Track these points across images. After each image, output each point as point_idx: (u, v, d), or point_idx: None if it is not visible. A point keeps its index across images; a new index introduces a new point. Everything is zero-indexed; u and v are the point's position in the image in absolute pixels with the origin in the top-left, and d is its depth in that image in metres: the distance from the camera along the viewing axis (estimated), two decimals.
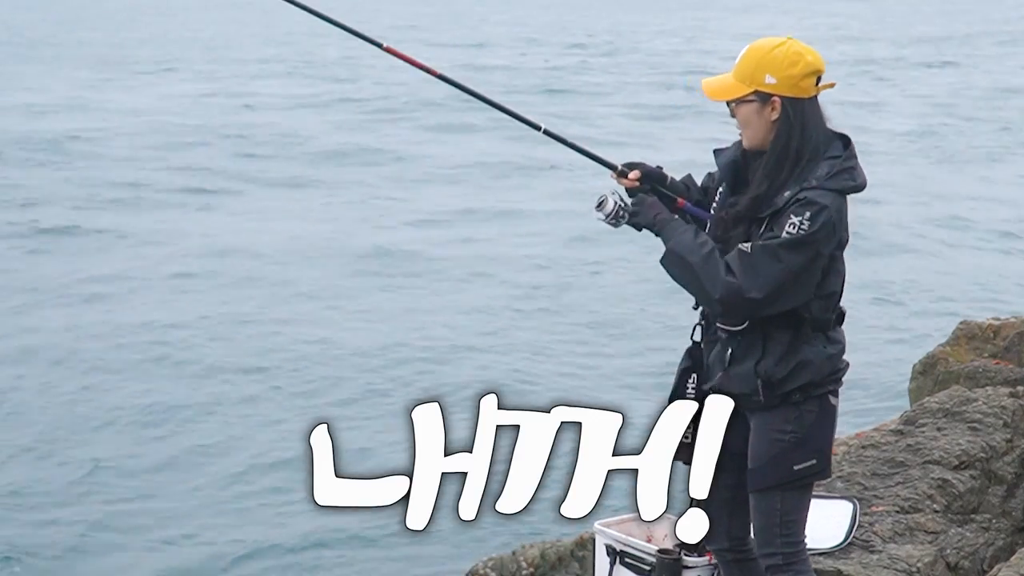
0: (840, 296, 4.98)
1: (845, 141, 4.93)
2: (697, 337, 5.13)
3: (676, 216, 4.97)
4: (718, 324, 4.99)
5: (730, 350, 4.94)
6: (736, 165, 5.05)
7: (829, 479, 6.15)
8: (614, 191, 5.10)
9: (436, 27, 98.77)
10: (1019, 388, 7.75)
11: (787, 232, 4.69)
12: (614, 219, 5.05)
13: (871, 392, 17.19)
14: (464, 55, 73.65)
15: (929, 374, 8.58)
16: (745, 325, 4.88)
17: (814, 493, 5.13)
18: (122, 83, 57.27)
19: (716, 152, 5.14)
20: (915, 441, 7.30)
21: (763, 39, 4.99)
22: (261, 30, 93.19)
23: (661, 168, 5.21)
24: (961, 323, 9.14)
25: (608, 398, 18.49)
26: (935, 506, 6.80)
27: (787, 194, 4.78)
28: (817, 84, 4.90)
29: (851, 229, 4.98)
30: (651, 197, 5.01)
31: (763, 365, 4.88)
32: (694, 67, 62.74)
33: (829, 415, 4.97)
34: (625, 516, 6.17)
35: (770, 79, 4.83)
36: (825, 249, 4.77)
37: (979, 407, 7.51)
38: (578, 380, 19.35)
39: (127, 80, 58.54)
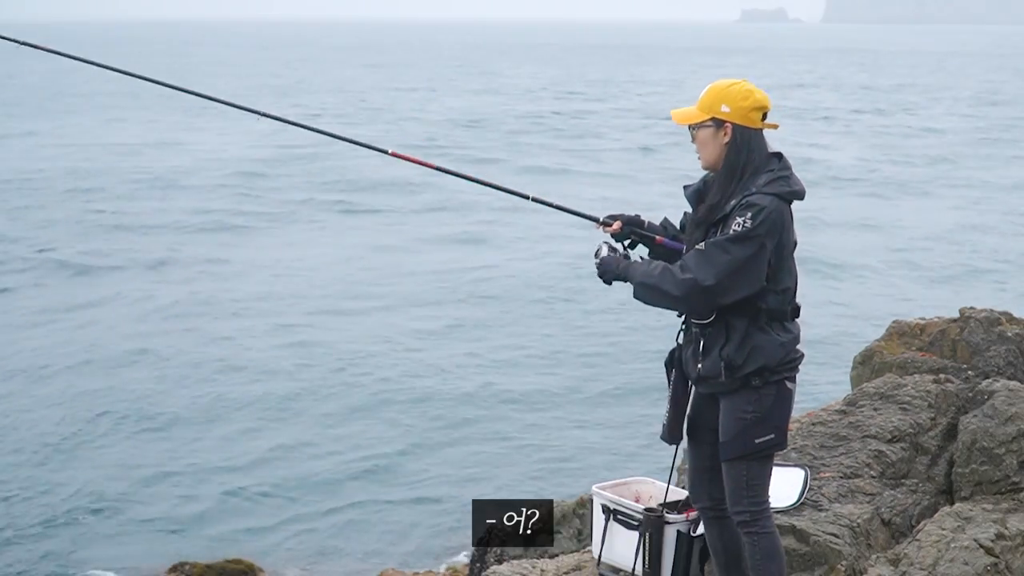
0: (794, 292, 4.99)
1: (779, 156, 5.01)
2: (680, 339, 5.16)
3: (632, 260, 5.07)
4: (691, 319, 5.02)
5: (701, 341, 4.98)
6: (699, 192, 5.14)
7: (786, 450, 6.15)
8: (605, 241, 5.21)
9: (464, 79, 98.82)
10: (941, 376, 7.74)
11: (733, 230, 4.77)
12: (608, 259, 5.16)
13: (819, 379, 17.19)
14: (487, 101, 73.72)
15: (867, 364, 8.55)
16: (712, 318, 4.91)
17: (774, 462, 5.13)
18: (204, 125, 57.37)
19: (685, 187, 5.22)
20: (856, 419, 7.29)
21: (723, 79, 5.09)
22: (322, 82, 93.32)
23: (638, 215, 5.31)
24: (893, 322, 9.10)
25: (619, 380, 18.56)
26: (872, 472, 6.78)
27: (733, 202, 4.86)
28: (763, 119, 4.99)
29: (808, 249, 5.01)
30: (609, 256, 5.09)
31: (726, 350, 4.90)
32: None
33: (785, 398, 4.98)
34: (617, 480, 6.19)
35: (725, 108, 4.93)
36: (769, 243, 4.80)
37: (908, 391, 7.49)
38: (595, 358, 19.48)
39: (208, 123, 58.62)
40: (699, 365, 4.97)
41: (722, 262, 4.74)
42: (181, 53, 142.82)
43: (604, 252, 5.13)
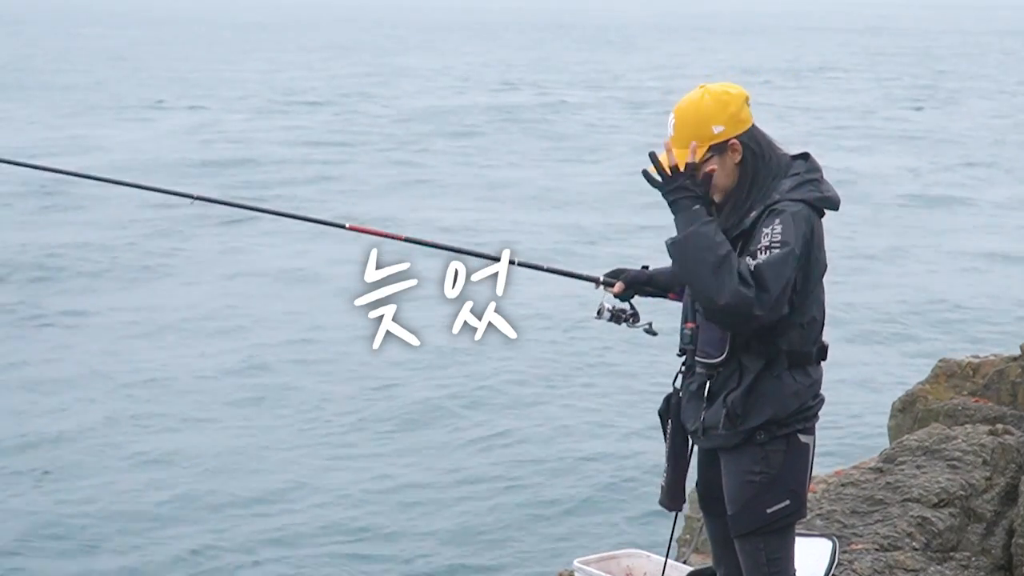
0: (822, 326, 4.96)
1: (805, 157, 5.00)
2: (678, 384, 5.15)
3: (699, 205, 4.81)
4: (698, 359, 4.98)
5: (707, 385, 4.96)
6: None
7: (808, 517, 6.14)
8: (606, 302, 5.28)
9: (417, 63, 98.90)
10: (998, 426, 7.76)
11: (771, 244, 4.70)
12: (613, 321, 5.24)
13: (850, 430, 17.18)
14: (447, 88, 73.83)
15: (908, 412, 8.59)
16: (723, 357, 4.88)
17: (797, 530, 5.13)
18: (114, 119, 57.27)
19: None
20: (894, 479, 7.30)
21: (683, 101, 5.01)
22: (239, 67, 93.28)
23: (646, 268, 5.31)
24: (940, 361, 9.14)
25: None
26: (914, 544, 6.79)
27: (753, 214, 4.82)
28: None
29: (835, 269, 4.99)
30: (684, 179, 4.82)
31: (732, 396, 4.88)
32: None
33: (800, 454, 4.95)
34: (605, 553, 6.18)
35: (717, 128, 4.88)
36: (801, 250, 4.74)
37: (958, 445, 7.51)
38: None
39: (119, 116, 58.51)
40: (702, 414, 4.95)
41: (776, 289, 4.68)
42: (70, 35, 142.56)
43: (606, 312, 5.20)
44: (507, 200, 37.78)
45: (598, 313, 5.17)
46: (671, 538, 5.81)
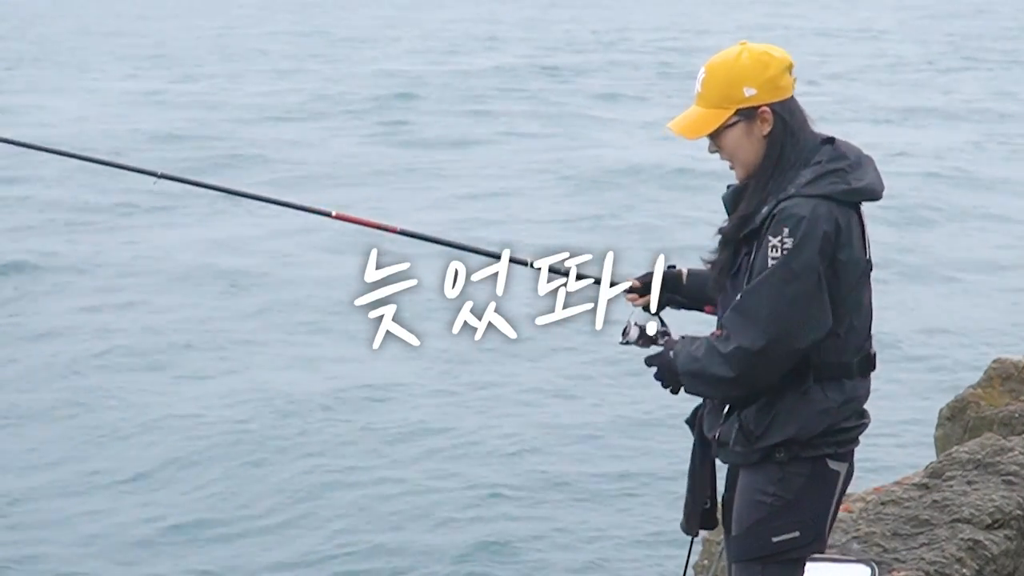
0: (866, 333, 4.97)
1: (831, 142, 4.97)
2: None
3: (660, 350, 5.02)
4: None
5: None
6: (737, 194, 5.08)
7: (846, 540, 6.17)
8: (636, 321, 5.17)
9: (394, 23, 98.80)
10: None
11: (771, 259, 4.71)
12: (640, 343, 5.13)
13: (890, 440, 17.16)
14: (434, 50, 73.76)
15: (958, 420, 8.61)
16: None
17: (828, 556, 5.16)
18: (46, 87, 57.35)
19: (729, 187, 5.16)
20: (942, 497, 7.32)
21: (718, 55, 5.04)
22: (197, 34, 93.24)
23: (674, 267, 5.30)
24: (995, 361, 9.16)
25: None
26: (965, 571, 6.82)
27: (765, 210, 4.83)
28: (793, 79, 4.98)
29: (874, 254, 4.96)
30: (655, 355, 5.01)
31: (746, 411, 4.90)
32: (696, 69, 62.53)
33: (825, 482, 4.94)
34: None
35: (749, 91, 4.88)
36: (822, 265, 4.74)
37: (1015, 457, 7.53)
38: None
39: (51, 84, 58.58)
40: (717, 430, 5.00)
41: (769, 313, 4.71)
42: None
43: (633, 333, 5.10)
44: (507, 186, 37.51)
45: (623, 334, 5.09)
46: (687, 564, 5.83)
